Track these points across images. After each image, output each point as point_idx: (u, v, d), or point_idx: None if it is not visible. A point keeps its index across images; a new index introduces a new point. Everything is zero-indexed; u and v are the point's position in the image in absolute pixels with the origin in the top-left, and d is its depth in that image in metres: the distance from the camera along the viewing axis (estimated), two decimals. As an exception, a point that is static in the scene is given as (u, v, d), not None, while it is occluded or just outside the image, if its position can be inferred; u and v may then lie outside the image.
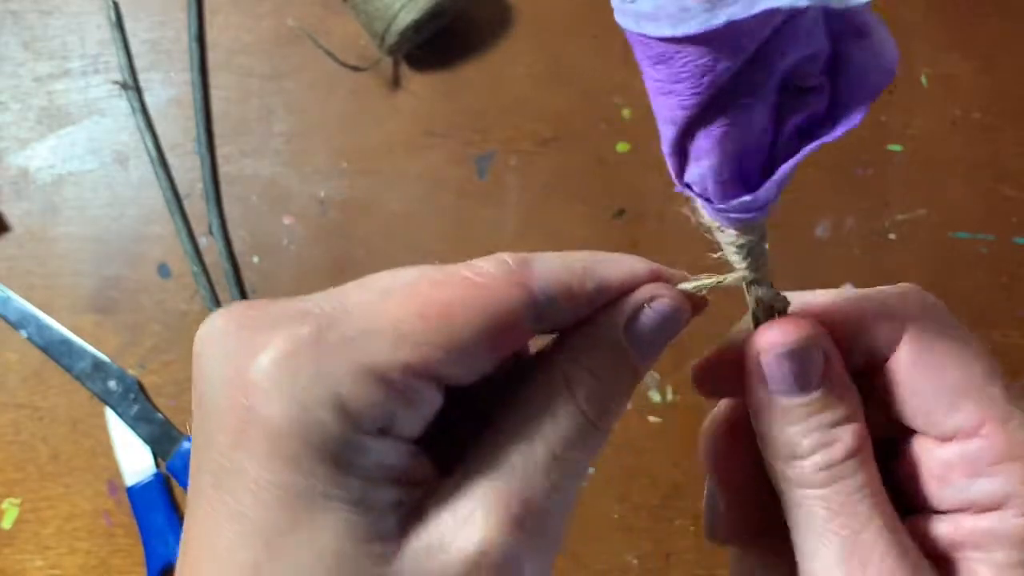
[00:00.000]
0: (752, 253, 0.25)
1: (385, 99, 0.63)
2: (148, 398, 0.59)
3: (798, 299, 0.27)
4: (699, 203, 0.24)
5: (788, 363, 0.24)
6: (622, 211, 0.62)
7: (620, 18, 0.21)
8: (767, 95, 0.21)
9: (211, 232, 0.61)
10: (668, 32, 0.20)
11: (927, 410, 0.24)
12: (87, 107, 0.62)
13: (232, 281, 0.60)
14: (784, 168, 0.22)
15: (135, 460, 0.58)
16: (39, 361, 0.59)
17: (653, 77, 0.21)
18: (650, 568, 0.60)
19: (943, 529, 0.25)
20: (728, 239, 0.25)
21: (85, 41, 0.62)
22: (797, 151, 0.22)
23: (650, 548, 0.60)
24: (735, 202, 0.23)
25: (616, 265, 0.25)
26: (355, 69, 0.61)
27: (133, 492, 0.58)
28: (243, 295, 0.60)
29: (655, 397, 0.61)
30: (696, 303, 0.26)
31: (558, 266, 0.24)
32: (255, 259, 0.61)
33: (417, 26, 0.60)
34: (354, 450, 0.21)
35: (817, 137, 0.21)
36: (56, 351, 0.59)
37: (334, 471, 0.21)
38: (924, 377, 0.24)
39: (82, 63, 0.62)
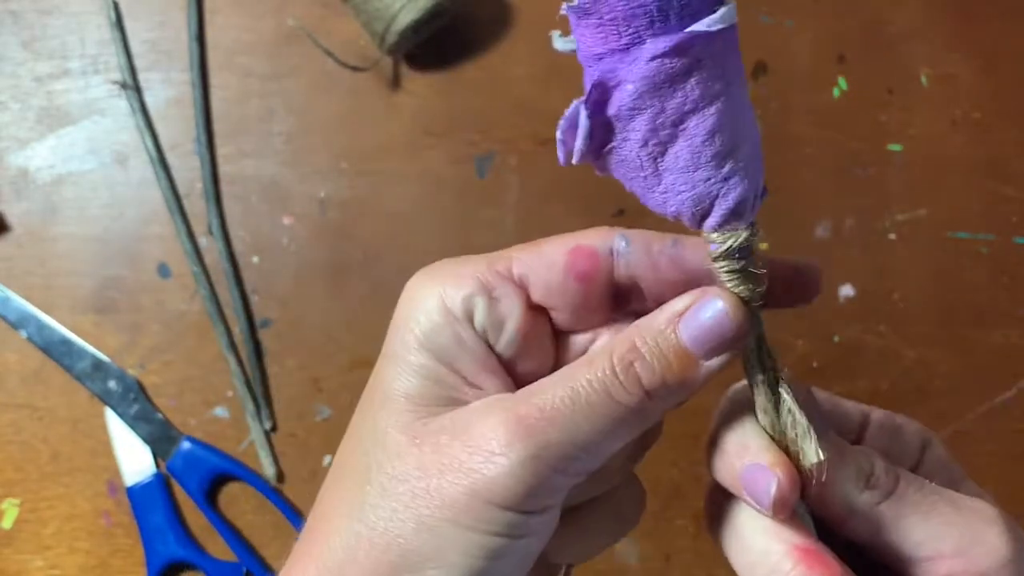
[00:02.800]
0: (736, 257, 0.26)
1: (385, 99, 0.63)
2: (148, 398, 0.59)
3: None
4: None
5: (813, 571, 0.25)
6: (622, 211, 0.62)
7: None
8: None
9: (211, 232, 0.61)
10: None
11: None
12: (87, 107, 0.62)
13: (232, 281, 0.60)
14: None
15: (135, 460, 0.58)
16: (39, 361, 0.59)
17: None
18: (650, 568, 0.60)
19: None
20: (721, 248, 0.26)
21: (85, 41, 0.62)
22: None
23: (650, 548, 0.60)
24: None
25: (698, 241, 0.28)
26: (355, 69, 0.61)
27: (133, 492, 0.58)
28: (243, 295, 0.60)
29: (655, 397, 0.61)
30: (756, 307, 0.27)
31: (643, 230, 0.28)
32: (255, 259, 0.61)
33: (417, 26, 0.60)
34: (440, 330, 0.27)
35: None
36: (56, 351, 0.59)
37: (418, 342, 0.27)
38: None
39: (82, 63, 0.62)
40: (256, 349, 0.60)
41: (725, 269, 0.26)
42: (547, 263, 0.28)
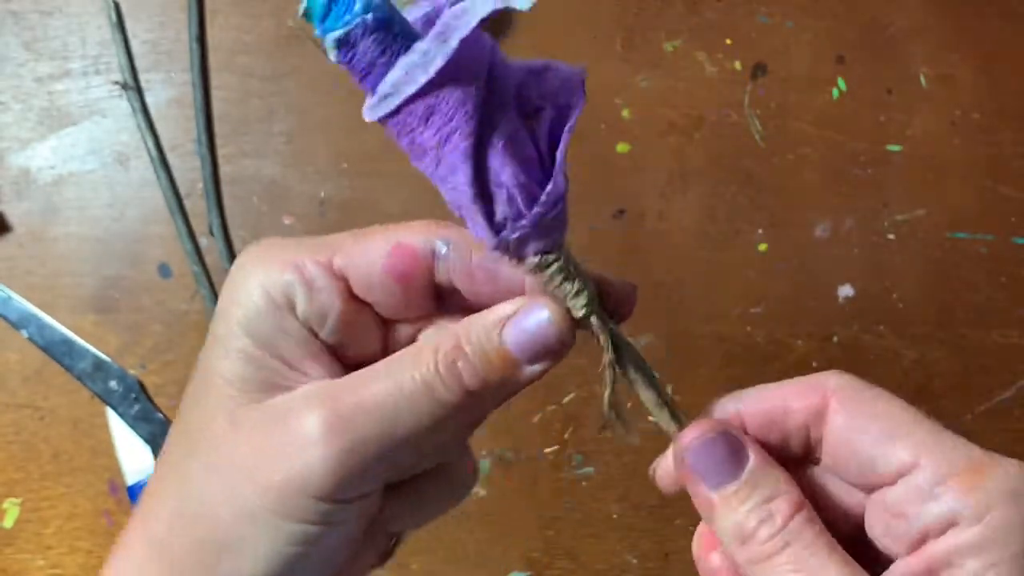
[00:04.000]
0: (566, 270, 0.27)
1: (385, 99, 0.63)
2: (149, 398, 0.59)
3: (725, 403, 0.29)
4: (512, 242, 0.26)
5: (710, 456, 0.28)
6: (622, 211, 0.62)
7: (377, 110, 0.24)
8: (512, 111, 0.25)
9: (211, 232, 0.61)
10: (424, 77, 0.23)
11: (869, 462, 0.27)
12: (88, 107, 0.62)
13: (233, 281, 0.60)
14: (559, 156, 0.25)
15: (136, 459, 0.58)
16: (40, 361, 0.59)
17: (431, 135, 0.25)
18: (650, 568, 0.61)
19: (915, 565, 0.26)
20: (546, 270, 0.27)
21: (86, 41, 0.62)
22: (554, 158, 0.26)
23: (650, 548, 0.61)
24: (547, 195, 0.25)
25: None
26: (355, 69, 0.61)
27: (134, 491, 0.58)
28: (243, 295, 0.60)
29: (655, 397, 0.61)
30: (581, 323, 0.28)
31: (468, 232, 0.28)
32: (255, 259, 0.61)
33: (417, 26, 0.60)
34: (262, 316, 0.27)
35: (560, 134, 0.25)
36: (57, 351, 0.59)
37: (240, 326, 0.27)
38: (858, 434, 0.27)
39: (83, 63, 0.62)
40: (257, 349, 0.60)
41: (543, 281, 0.27)
42: (368, 259, 0.27)
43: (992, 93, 0.65)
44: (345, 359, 0.28)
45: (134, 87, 0.61)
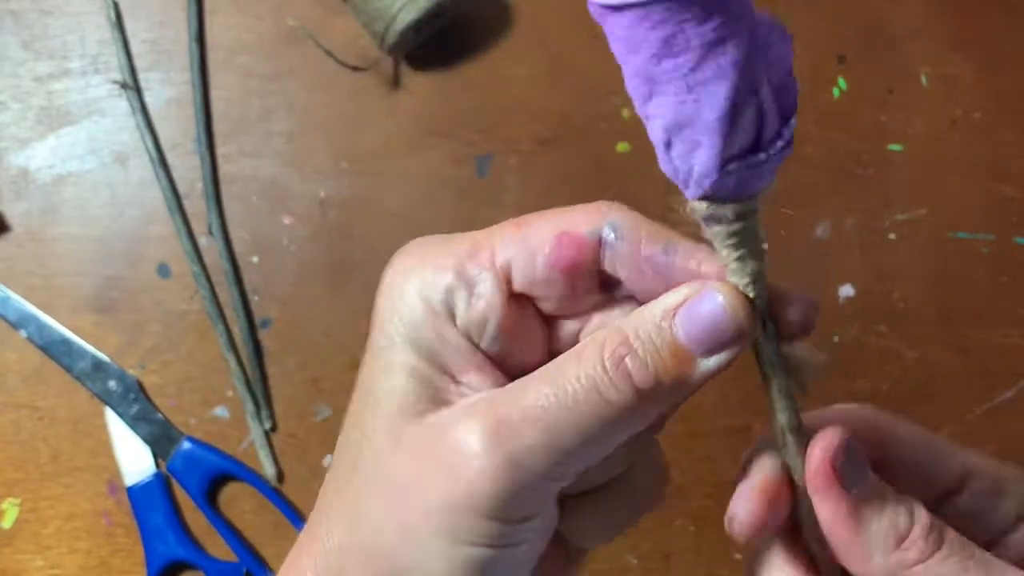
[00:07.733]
0: (750, 234, 0.25)
1: (385, 99, 0.63)
2: (148, 398, 0.59)
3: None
4: (731, 182, 0.24)
5: (852, 459, 0.25)
6: (622, 211, 0.62)
7: None
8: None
9: (211, 232, 0.61)
10: None
11: (931, 477, 0.28)
12: (87, 107, 0.62)
13: (232, 281, 0.60)
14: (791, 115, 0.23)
15: (135, 460, 0.58)
16: (39, 361, 0.59)
17: (697, 34, 0.22)
18: (650, 568, 0.60)
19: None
20: (722, 230, 0.25)
21: (85, 41, 0.62)
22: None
23: (650, 548, 0.60)
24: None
25: (692, 248, 0.26)
26: (355, 69, 0.61)
27: (133, 492, 0.58)
28: (243, 295, 0.60)
29: (655, 397, 0.61)
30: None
31: (639, 216, 0.27)
32: (255, 259, 0.61)
33: (417, 26, 0.60)
34: (424, 327, 0.26)
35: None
36: (56, 351, 0.59)
37: (403, 338, 0.26)
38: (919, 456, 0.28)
39: (82, 63, 0.62)
40: (256, 349, 0.60)
41: (719, 235, 0.24)
42: (531, 251, 0.26)
43: (993, 92, 0.65)
44: (508, 369, 0.27)
45: (133, 87, 0.61)
